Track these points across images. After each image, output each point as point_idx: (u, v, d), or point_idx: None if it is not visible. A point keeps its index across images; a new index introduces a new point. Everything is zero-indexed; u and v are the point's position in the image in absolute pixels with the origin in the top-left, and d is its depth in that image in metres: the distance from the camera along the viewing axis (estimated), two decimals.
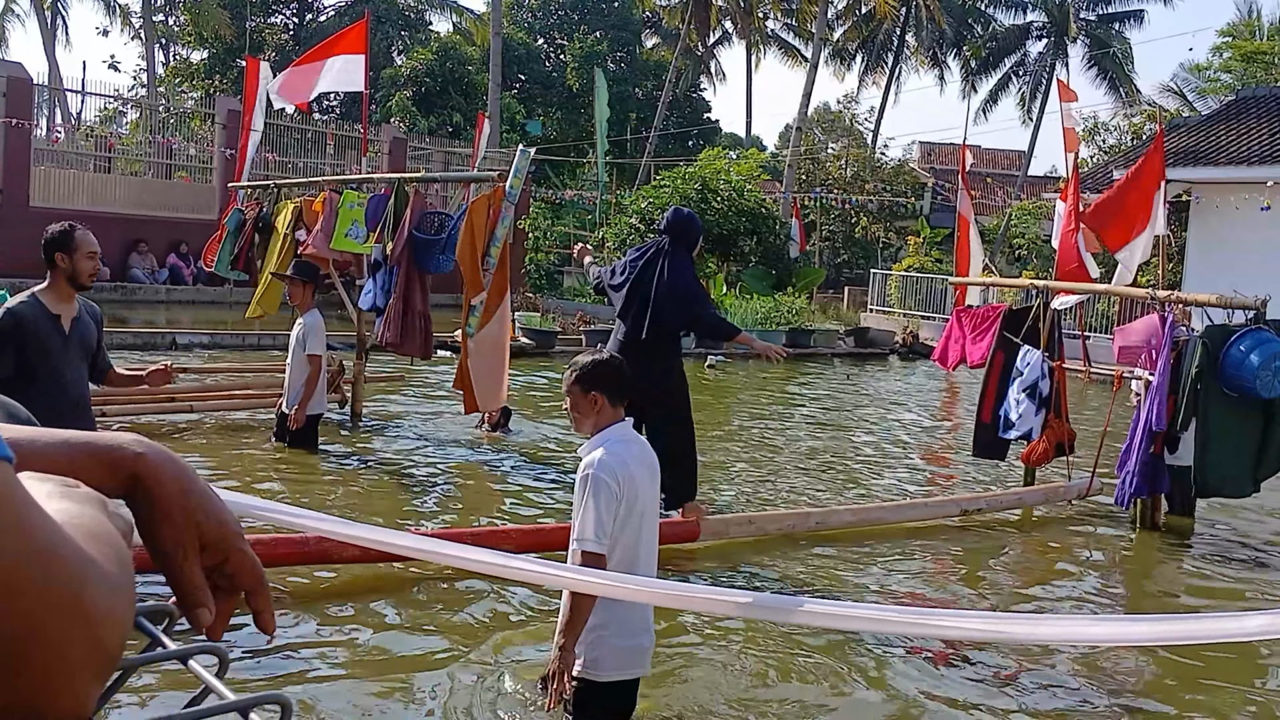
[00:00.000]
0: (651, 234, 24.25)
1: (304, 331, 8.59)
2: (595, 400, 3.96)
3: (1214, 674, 5.39)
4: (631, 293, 6.85)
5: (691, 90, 49.26)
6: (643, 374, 6.61)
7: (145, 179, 26.34)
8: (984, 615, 5.93)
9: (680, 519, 6.95)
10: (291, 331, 8.77)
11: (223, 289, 22.22)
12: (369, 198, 9.69)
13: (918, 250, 31.60)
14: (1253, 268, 17.50)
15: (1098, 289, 10.32)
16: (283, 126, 26.58)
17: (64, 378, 4.92)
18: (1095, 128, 35.05)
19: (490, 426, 10.50)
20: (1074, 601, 6.70)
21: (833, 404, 15.01)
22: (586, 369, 4.01)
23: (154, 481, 0.94)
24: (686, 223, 7.03)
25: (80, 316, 5.02)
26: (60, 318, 4.92)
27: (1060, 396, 8.85)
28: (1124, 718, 4.83)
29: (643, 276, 6.85)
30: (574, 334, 19.62)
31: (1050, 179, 41.00)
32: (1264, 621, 2.98)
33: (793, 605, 4.49)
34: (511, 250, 8.46)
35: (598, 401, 3.96)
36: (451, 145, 31.36)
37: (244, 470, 8.39)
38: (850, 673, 5.10)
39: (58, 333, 4.90)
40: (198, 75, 42.50)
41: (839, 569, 6.88)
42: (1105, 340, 13.47)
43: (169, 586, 1.01)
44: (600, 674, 3.85)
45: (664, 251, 6.90)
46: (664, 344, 6.81)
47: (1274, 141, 21.54)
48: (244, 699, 0.76)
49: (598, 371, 4.01)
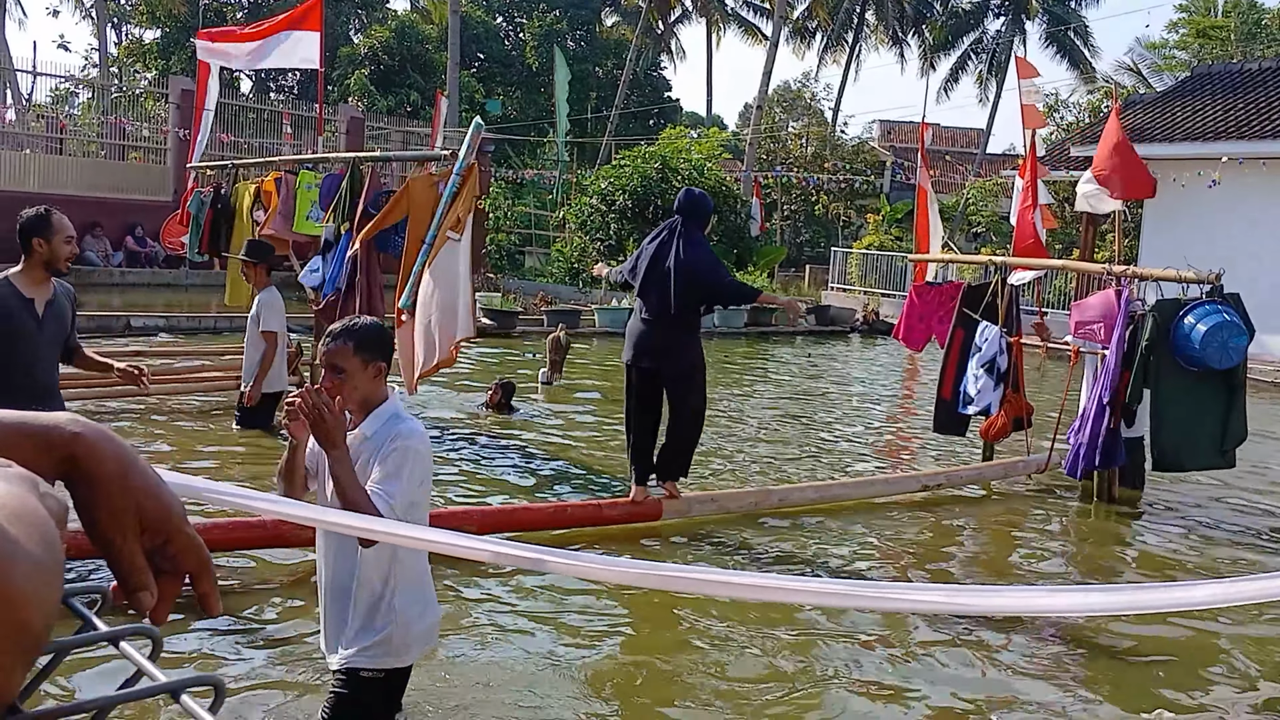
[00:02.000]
0: (613, 214, 24.30)
1: (259, 309, 8.54)
2: (378, 370, 3.40)
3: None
4: (650, 272, 6.92)
5: (652, 69, 49.10)
6: (667, 349, 6.74)
7: (98, 160, 25.99)
8: (944, 588, 5.99)
9: (639, 498, 6.96)
10: (249, 312, 8.74)
11: (179, 271, 22.00)
12: (323, 177, 9.60)
13: (878, 228, 31.71)
14: (1208, 242, 17.71)
15: (1054, 264, 10.42)
16: (238, 107, 26.28)
17: (35, 364, 4.86)
18: (1055, 105, 35.26)
19: (491, 407, 10.58)
20: (1033, 573, 6.78)
21: (794, 382, 15.07)
22: (369, 334, 3.40)
23: (92, 461, 0.93)
24: (698, 201, 7.13)
25: (55, 299, 4.96)
26: (34, 301, 4.85)
27: (1018, 372, 8.93)
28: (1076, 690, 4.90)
29: (659, 254, 6.93)
30: (535, 314, 19.55)
31: (1009, 157, 41.21)
32: (1211, 591, 3.03)
33: (755, 582, 4.51)
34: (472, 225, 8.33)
35: (381, 372, 3.41)
36: (410, 125, 31.12)
37: (202, 454, 8.32)
38: (817, 662, 5.13)
39: (31, 317, 4.83)
40: (151, 55, 41.90)
41: (799, 545, 6.91)
42: (1063, 316, 13.59)
43: (109, 569, 1.00)
44: (405, 659, 3.50)
45: (677, 231, 6.99)
46: (688, 318, 6.90)
47: (1228, 117, 21.76)
48: (175, 680, 0.75)
49: (383, 336, 3.48)
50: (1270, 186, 19.55)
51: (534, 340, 16.69)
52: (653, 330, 6.79)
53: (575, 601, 5.55)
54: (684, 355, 6.85)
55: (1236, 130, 20.98)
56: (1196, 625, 5.69)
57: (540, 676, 4.63)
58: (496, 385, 10.79)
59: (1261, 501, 8.94)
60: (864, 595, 4.12)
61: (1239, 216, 19.85)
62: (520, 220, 31.29)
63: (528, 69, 44.71)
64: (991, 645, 5.33)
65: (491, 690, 4.44)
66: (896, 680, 4.84)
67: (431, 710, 4.21)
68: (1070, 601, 4.55)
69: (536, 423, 10.40)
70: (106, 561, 0.96)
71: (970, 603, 4.91)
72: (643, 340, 6.85)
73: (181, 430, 9.14)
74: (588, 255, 25.07)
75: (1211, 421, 7.58)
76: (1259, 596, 4.30)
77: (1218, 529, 8.02)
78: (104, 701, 0.73)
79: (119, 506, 0.94)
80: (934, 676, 4.92)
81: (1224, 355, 7.25)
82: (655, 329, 6.79)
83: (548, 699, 4.43)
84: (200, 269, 12.56)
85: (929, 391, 14.71)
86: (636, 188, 24.02)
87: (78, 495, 0.94)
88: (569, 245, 26.44)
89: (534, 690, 4.48)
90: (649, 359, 6.82)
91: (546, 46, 41.79)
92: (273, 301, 8.57)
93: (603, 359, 16.03)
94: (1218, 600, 4.22)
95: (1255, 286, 7.69)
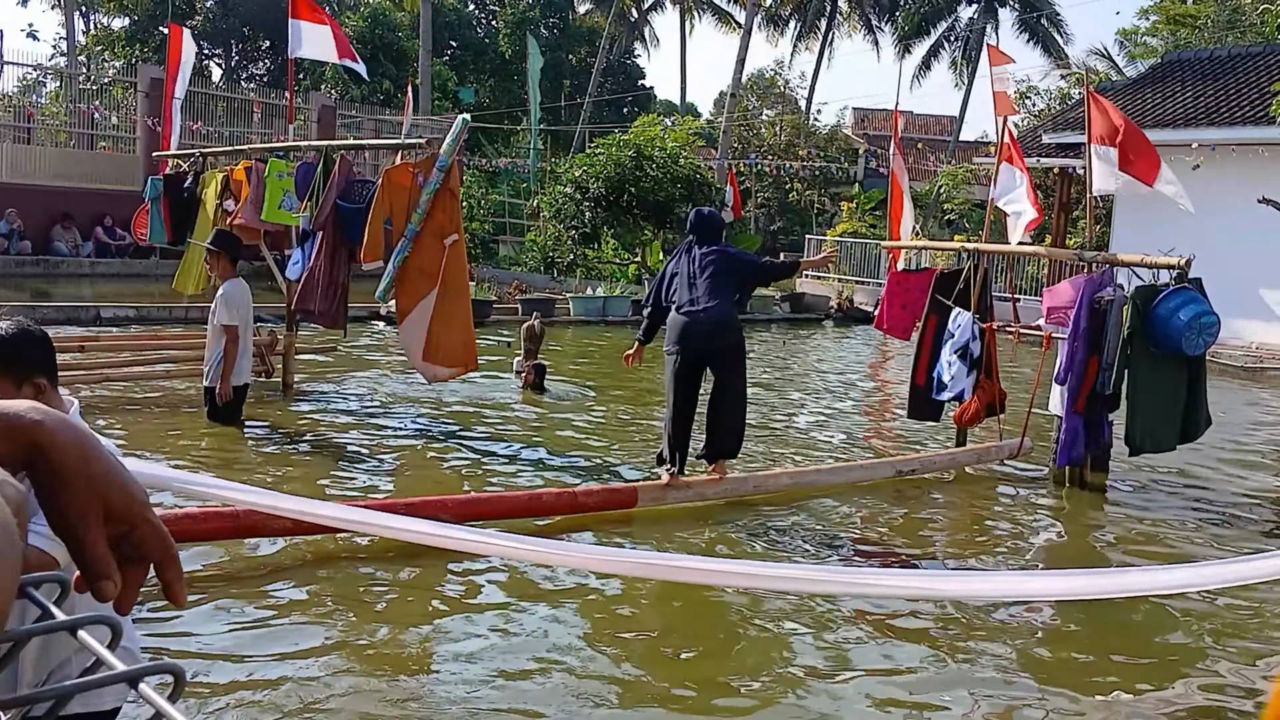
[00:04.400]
0: (587, 203, 24.24)
1: (218, 302, 8.46)
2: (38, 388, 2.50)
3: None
4: (684, 277, 7.25)
5: (625, 57, 48.99)
6: (716, 329, 7.07)
7: (67, 150, 25.72)
8: (917, 573, 6.03)
9: (640, 484, 6.98)
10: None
11: (150, 261, 21.81)
12: (297, 166, 9.53)
13: (852, 216, 31.80)
14: (1179, 229, 17.81)
15: (1027, 250, 10.47)
16: (207, 95, 26.06)
17: None
18: (1026, 92, 35.40)
19: (527, 386, 11.32)
20: (1006, 557, 6.82)
21: (769, 368, 15.09)
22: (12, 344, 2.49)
23: (54, 449, 0.91)
24: (709, 218, 7.57)
25: None
26: None
27: (992, 358, 8.96)
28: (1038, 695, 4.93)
29: (687, 264, 7.29)
30: (510, 303, 19.50)
31: (981, 144, 41.36)
32: (1186, 575, 3.06)
33: (727, 568, 4.53)
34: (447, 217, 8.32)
35: (41, 389, 2.50)
36: (382, 113, 30.95)
37: (172, 448, 8.27)
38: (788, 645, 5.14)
39: None
40: (119, 43, 41.46)
41: (774, 531, 6.93)
42: (1035, 302, 13.65)
43: (72, 558, 0.98)
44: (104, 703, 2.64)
45: (697, 244, 7.39)
46: (732, 302, 7.26)
47: (1199, 104, 21.91)
48: (134, 669, 0.73)
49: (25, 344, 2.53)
50: (1242, 173, 19.68)
51: (509, 329, 16.67)
52: (701, 316, 7.05)
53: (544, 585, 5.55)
54: (730, 333, 7.15)
55: (1208, 117, 21.13)
56: (1169, 605, 5.74)
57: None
58: (530, 367, 11.52)
59: (1232, 482, 9.02)
60: (841, 581, 4.15)
61: (1210, 203, 19.97)
62: (494, 209, 31.20)
63: (500, 57, 44.49)
64: (967, 627, 5.36)
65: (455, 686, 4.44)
66: (868, 663, 4.86)
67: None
68: (1044, 586, 4.59)
69: (567, 406, 10.98)
70: (69, 550, 0.95)
71: (946, 588, 4.94)
72: (691, 326, 7.09)
73: (151, 421, 9.07)
74: (562, 243, 25.03)
75: (1179, 406, 7.69)
76: (1233, 580, 4.35)
77: (1189, 509, 8.08)
78: (61, 690, 0.72)
79: (81, 495, 0.92)
80: (878, 660, 4.93)
81: (1200, 343, 7.34)
82: (704, 315, 7.05)
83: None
84: (174, 258, 12.44)
85: (902, 378, 14.78)
86: (611, 176, 23.96)
87: (39, 484, 0.93)
88: (543, 234, 26.37)
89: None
90: (699, 340, 7.08)
91: (519, 34, 41.61)
92: (232, 294, 8.44)
93: (579, 347, 16.02)
94: (1193, 585, 4.26)
95: (1226, 272, 7.74)
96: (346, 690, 4.29)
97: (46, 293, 17.74)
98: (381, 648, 4.74)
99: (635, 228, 25.10)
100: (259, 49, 42.53)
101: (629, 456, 8.80)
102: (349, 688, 4.31)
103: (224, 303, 8.40)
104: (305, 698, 4.20)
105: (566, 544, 3.60)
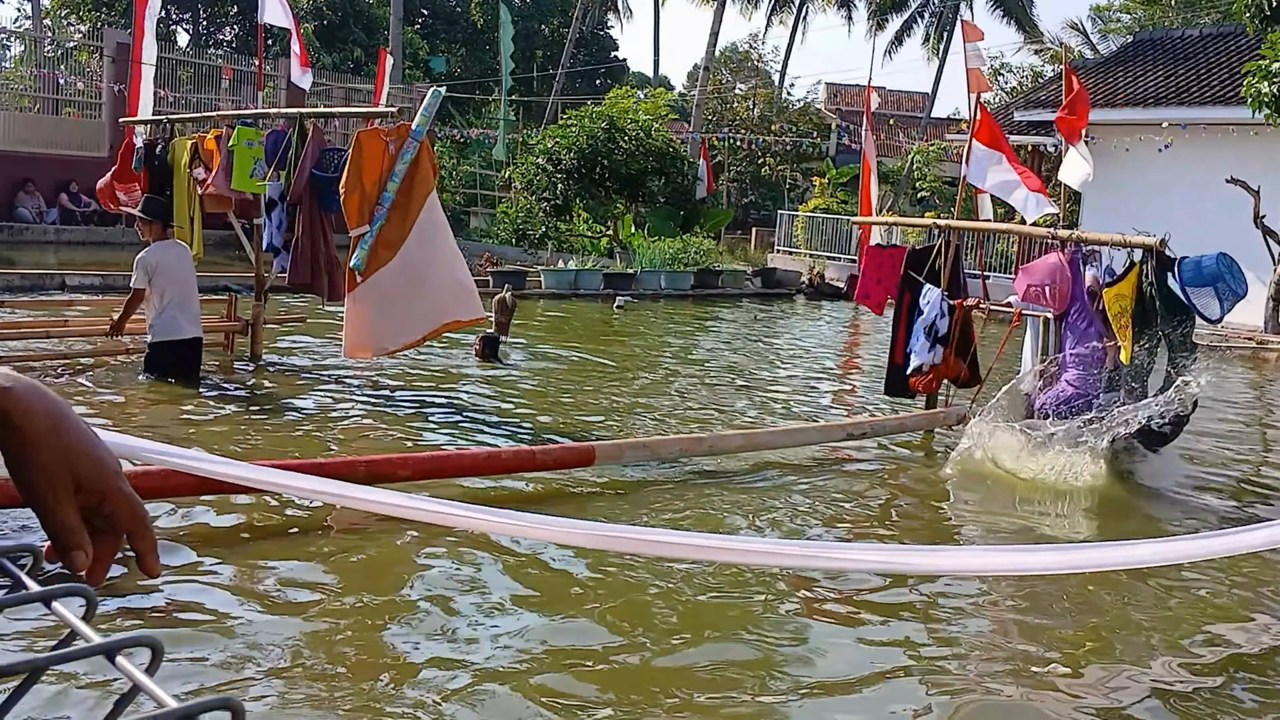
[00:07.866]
0: (559, 174, 24.16)
1: (135, 264, 8.74)
2: None
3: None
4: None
5: (598, 28, 48.72)
6: None
7: (31, 115, 25.34)
8: (882, 548, 6.05)
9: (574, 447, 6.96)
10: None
11: (115, 229, 21.57)
12: (266, 134, 9.43)
13: (824, 191, 31.82)
14: (1149, 207, 17.93)
15: (999, 228, 10.50)
16: (175, 61, 25.73)
17: None
18: (1000, 69, 35.51)
19: (479, 356, 11.26)
20: (973, 531, 6.86)
21: (740, 343, 15.11)
22: None
23: (21, 417, 0.90)
24: None
25: None
26: None
27: (961, 334, 8.96)
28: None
29: None
30: (481, 275, 19.41)
31: (953, 121, 41.44)
32: (1151, 550, 3.09)
33: (689, 541, 4.53)
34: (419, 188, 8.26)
35: None
36: (353, 81, 30.66)
37: (146, 420, 8.20)
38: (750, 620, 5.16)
39: None
40: (84, 7, 40.83)
41: (733, 505, 6.94)
42: (1005, 279, 13.72)
43: (42, 528, 0.96)
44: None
45: None
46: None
47: (1169, 84, 22.04)
48: (111, 641, 0.72)
49: None
50: (1211, 152, 19.84)
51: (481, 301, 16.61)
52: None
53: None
54: None
55: (1178, 96, 21.27)
56: (1143, 581, 5.80)
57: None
58: (480, 338, 11.40)
59: (1208, 455, 9.12)
60: (809, 555, 4.16)
61: (1180, 181, 20.14)
62: (465, 180, 31.01)
63: (472, 26, 44.16)
64: (929, 600, 5.39)
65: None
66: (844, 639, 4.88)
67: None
68: (1011, 561, 4.61)
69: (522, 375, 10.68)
70: (39, 519, 0.93)
71: (912, 562, 4.96)
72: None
73: (119, 388, 9.00)
74: (534, 216, 24.94)
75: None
76: (1199, 555, 4.39)
77: (1167, 482, 8.14)
78: (36, 663, 0.70)
79: (50, 463, 0.91)
80: (847, 640, 4.96)
81: (1231, 289, 7.45)
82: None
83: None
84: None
85: (872, 352, 14.84)
86: (583, 148, 23.89)
87: (8, 451, 0.91)
88: (515, 206, 26.26)
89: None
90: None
91: (491, 3, 41.20)
92: (145, 259, 8.68)
93: (549, 320, 15.97)
94: (1158, 559, 4.30)
95: (1193, 252, 7.76)
96: (322, 661, 4.28)
97: (10, 260, 17.50)
98: (356, 614, 4.72)
99: (607, 200, 25.06)
100: (227, 14, 41.99)
101: (587, 427, 8.79)
102: (324, 658, 4.30)
103: (137, 266, 8.69)
104: (284, 664, 4.18)
105: (524, 514, 3.58)
